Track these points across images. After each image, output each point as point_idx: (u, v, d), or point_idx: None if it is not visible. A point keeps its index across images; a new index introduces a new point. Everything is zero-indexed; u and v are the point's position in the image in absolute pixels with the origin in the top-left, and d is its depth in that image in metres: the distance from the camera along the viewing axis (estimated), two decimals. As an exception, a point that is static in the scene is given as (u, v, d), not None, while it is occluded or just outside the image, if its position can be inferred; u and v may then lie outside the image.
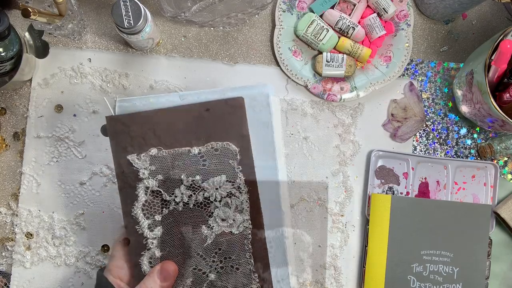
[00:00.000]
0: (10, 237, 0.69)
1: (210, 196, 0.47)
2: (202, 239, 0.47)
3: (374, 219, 0.69)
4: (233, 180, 0.47)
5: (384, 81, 0.71)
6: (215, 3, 0.61)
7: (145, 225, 0.46)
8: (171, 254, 0.47)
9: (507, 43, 0.59)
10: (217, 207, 0.47)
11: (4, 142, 0.70)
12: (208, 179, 0.47)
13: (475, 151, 0.74)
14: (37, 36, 0.65)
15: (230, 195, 0.47)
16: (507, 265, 0.72)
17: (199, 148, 0.47)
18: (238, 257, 0.47)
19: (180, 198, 0.47)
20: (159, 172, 0.47)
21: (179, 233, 0.47)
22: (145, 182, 0.47)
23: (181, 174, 0.46)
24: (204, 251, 0.47)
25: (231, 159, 0.47)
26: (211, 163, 0.47)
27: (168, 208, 0.47)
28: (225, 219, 0.47)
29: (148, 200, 0.47)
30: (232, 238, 0.47)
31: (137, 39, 0.63)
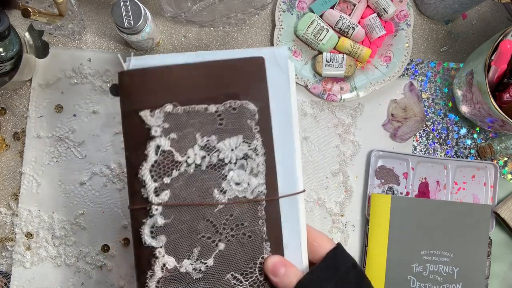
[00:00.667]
0: (10, 237, 0.69)
1: (225, 158, 0.44)
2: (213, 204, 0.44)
3: (374, 219, 0.69)
4: (250, 141, 0.44)
5: (384, 81, 0.71)
6: (215, 3, 0.61)
7: (151, 188, 0.43)
8: (176, 221, 0.43)
9: (507, 43, 0.59)
10: (231, 169, 0.44)
11: (4, 142, 0.70)
12: (224, 139, 0.44)
13: (475, 151, 0.74)
14: (37, 36, 0.65)
15: (246, 157, 0.44)
16: (507, 265, 0.72)
17: (217, 106, 0.44)
18: (250, 224, 0.44)
19: (193, 159, 0.43)
20: (172, 130, 0.43)
21: (188, 198, 0.43)
22: (156, 141, 0.43)
23: (196, 133, 0.43)
24: (214, 217, 0.44)
25: (249, 118, 0.44)
26: (228, 122, 0.44)
27: (179, 170, 0.43)
28: (239, 182, 0.44)
29: (158, 160, 0.43)
30: (245, 204, 0.44)
31: (137, 39, 0.63)
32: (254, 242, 0.45)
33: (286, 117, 0.46)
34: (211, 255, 0.44)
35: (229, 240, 0.44)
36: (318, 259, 0.45)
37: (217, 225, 0.44)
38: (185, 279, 0.43)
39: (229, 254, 0.44)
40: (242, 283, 0.44)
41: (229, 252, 0.44)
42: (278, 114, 0.46)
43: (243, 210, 0.44)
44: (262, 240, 0.45)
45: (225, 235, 0.44)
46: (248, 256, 0.45)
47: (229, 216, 0.44)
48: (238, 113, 0.44)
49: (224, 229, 0.44)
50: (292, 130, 0.46)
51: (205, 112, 0.44)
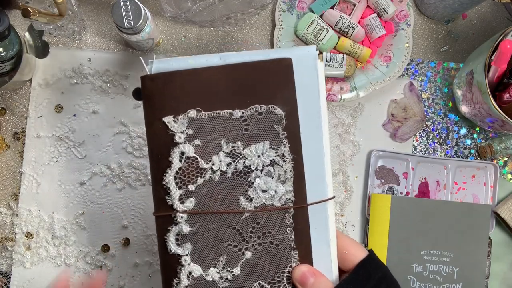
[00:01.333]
0: (10, 237, 0.69)
1: (251, 164, 0.42)
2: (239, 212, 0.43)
3: (374, 219, 0.69)
4: (277, 147, 0.43)
5: (384, 81, 0.71)
6: (215, 3, 0.61)
7: (176, 196, 0.42)
8: (202, 229, 0.42)
9: (507, 43, 0.59)
10: (258, 176, 0.42)
11: (4, 142, 0.70)
12: (250, 145, 0.42)
13: (475, 151, 0.74)
14: (37, 36, 0.65)
15: (273, 164, 0.43)
16: (507, 265, 0.72)
17: (242, 111, 0.42)
18: (278, 232, 0.43)
19: (218, 166, 0.42)
20: (196, 136, 0.42)
21: (213, 205, 0.42)
22: (180, 147, 0.42)
23: (220, 139, 0.42)
24: (240, 225, 0.43)
25: (276, 123, 0.42)
26: (254, 127, 0.42)
27: (204, 177, 0.42)
28: (266, 190, 0.42)
29: (183, 167, 0.42)
30: (272, 212, 0.43)
31: (137, 39, 0.63)
32: (281, 251, 0.43)
33: (315, 121, 0.44)
34: (237, 264, 0.43)
35: (256, 249, 0.43)
36: (349, 268, 0.43)
37: (244, 234, 0.43)
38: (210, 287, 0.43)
39: (256, 263, 0.43)
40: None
41: (256, 260, 0.43)
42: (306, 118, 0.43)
43: (270, 218, 0.43)
44: (290, 249, 0.43)
45: (251, 243, 0.43)
46: (276, 265, 0.43)
47: (256, 224, 0.43)
48: (265, 118, 0.43)
49: (251, 237, 0.43)
50: (321, 134, 0.44)
51: (230, 117, 0.42)
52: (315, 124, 0.44)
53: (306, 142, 0.44)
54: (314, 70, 0.43)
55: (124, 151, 0.70)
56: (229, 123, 0.42)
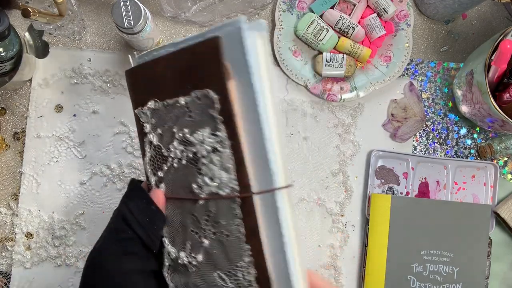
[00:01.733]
0: (10, 237, 0.69)
1: (197, 152, 0.41)
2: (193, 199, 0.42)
3: (374, 219, 0.69)
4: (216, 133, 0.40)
5: (384, 81, 0.71)
6: (215, 3, 0.61)
7: (152, 181, 0.45)
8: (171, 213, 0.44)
9: (507, 43, 0.59)
10: (204, 164, 0.41)
11: (4, 142, 0.70)
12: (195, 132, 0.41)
13: (475, 151, 0.74)
14: (37, 36, 0.65)
15: (214, 150, 0.41)
16: (507, 265, 0.72)
17: (185, 98, 0.41)
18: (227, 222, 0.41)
19: (174, 154, 0.43)
20: (158, 125, 0.44)
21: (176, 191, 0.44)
22: (148, 137, 0.45)
23: (173, 127, 0.43)
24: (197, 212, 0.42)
25: (211, 108, 0.40)
26: (196, 114, 0.41)
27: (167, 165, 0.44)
28: (213, 178, 0.41)
29: (152, 155, 0.45)
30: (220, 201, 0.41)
31: (137, 39, 0.63)
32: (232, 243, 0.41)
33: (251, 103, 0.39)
34: (199, 251, 0.42)
35: (211, 238, 0.42)
36: None
37: (200, 221, 0.42)
38: (184, 271, 0.43)
39: (213, 252, 0.42)
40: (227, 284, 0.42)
41: (212, 249, 0.42)
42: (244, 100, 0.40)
43: (219, 207, 0.41)
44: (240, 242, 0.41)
45: (207, 231, 0.42)
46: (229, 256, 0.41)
47: (210, 212, 0.42)
48: (202, 103, 0.41)
49: (206, 225, 0.42)
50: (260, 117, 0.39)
51: (176, 105, 0.42)
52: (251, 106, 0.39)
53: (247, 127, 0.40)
54: (239, 45, 0.38)
55: (124, 151, 0.70)
56: (177, 111, 0.43)
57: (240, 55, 0.39)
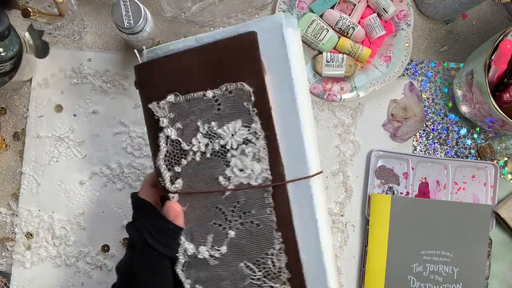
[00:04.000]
0: (10, 237, 0.69)
1: (226, 144, 0.42)
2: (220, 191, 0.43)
3: (374, 219, 0.69)
4: (249, 125, 0.42)
5: (384, 81, 0.71)
6: (215, 3, 0.61)
7: (167, 177, 0.44)
8: (191, 208, 0.44)
9: (507, 43, 0.59)
10: (233, 155, 0.42)
11: (4, 142, 0.70)
12: (223, 125, 0.42)
13: (475, 151, 0.74)
14: (37, 36, 0.65)
15: (246, 142, 0.42)
16: (507, 265, 0.72)
17: (214, 91, 0.42)
18: (258, 212, 0.42)
19: (197, 147, 0.43)
20: (177, 119, 0.43)
21: (198, 185, 0.43)
22: (165, 131, 0.44)
23: (197, 120, 0.43)
24: (223, 204, 0.43)
25: (245, 101, 0.42)
26: (226, 107, 0.42)
27: (187, 159, 0.43)
28: (243, 169, 0.42)
29: (169, 150, 0.44)
30: (250, 191, 0.42)
31: (137, 39, 0.63)
32: (263, 231, 0.42)
33: (288, 95, 0.41)
34: (223, 243, 0.43)
35: (238, 228, 0.43)
36: None
37: (226, 212, 0.43)
38: (204, 264, 0.44)
39: (240, 243, 0.43)
40: (256, 273, 0.43)
41: (240, 240, 0.43)
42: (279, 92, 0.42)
43: (249, 197, 0.42)
44: (272, 230, 0.42)
45: (234, 222, 0.43)
46: (259, 246, 0.43)
47: (236, 203, 0.43)
48: (235, 96, 0.42)
49: (233, 216, 0.43)
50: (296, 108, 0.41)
51: (203, 98, 0.43)
52: (288, 97, 0.41)
53: (281, 118, 0.42)
54: (281, 40, 0.41)
55: (124, 151, 0.70)
56: (203, 104, 0.43)
57: (280, 50, 0.41)
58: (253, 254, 0.43)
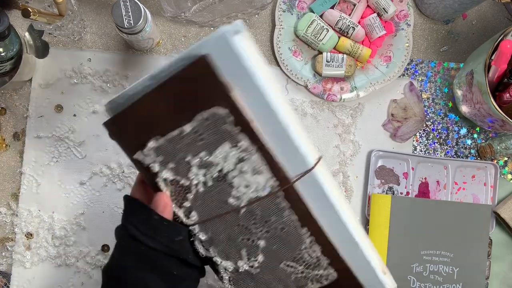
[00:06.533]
0: (10, 237, 0.69)
1: (222, 168, 0.43)
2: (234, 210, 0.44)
3: (374, 219, 0.69)
4: (237, 144, 0.42)
5: (384, 81, 0.71)
6: (215, 3, 0.61)
7: (181, 214, 0.45)
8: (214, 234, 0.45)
9: (507, 43, 0.59)
10: (234, 176, 0.43)
11: (4, 142, 0.70)
12: (213, 152, 0.42)
13: (475, 151, 0.74)
14: (37, 36, 0.65)
15: (241, 160, 0.43)
16: (507, 265, 0.72)
17: (190, 124, 0.42)
18: (278, 217, 0.44)
19: (197, 179, 0.43)
20: (167, 160, 0.43)
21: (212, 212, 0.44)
22: (160, 175, 0.44)
23: (186, 156, 0.43)
24: (243, 220, 0.44)
25: (224, 123, 0.42)
26: (208, 135, 0.42)
27: (192, 193, 0.44)
28: (248, 185, 0.43)
29: (172, 190, 0.44)
30: (263, 202, 0.43)
31: (137, 39, 0.63)
32: (289, 232, 0.44)
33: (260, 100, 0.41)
34: (258, 252, 0.45)
35: (266, 237, 0.45)
36: None
37: (249, 227, 0.44)
38: (248, 275, 0.46)
39: (272, 248, 0.45)
40: (297, 268, 0.45)
41: (271, 246, 0.45)
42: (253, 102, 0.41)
43: (264, 207, 0.44)
44: (296, 228, 0.44)
45: (260, 233, 0.44)
46: (291, 246, 0.45)
47: (255, 216, 0.44)
48: (212, 122, 0.42)
49: (257, 228, 0.44)
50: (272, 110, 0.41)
51: (181, 135, 0.43)
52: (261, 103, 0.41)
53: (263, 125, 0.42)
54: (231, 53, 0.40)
55: (124, 151, 0.70)
56: (185, 139, 0.43)
57: (235, 63, 0.40)
58: (288, 254, 0.45)
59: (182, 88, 0.41)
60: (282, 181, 0.43)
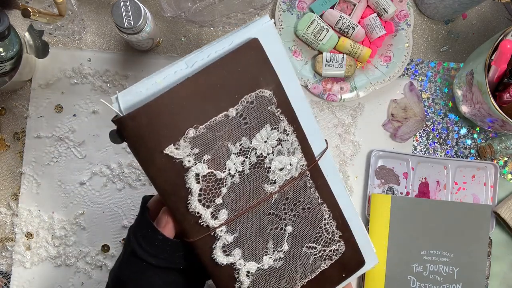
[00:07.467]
0: (10, 237, 0.69)
1: (262, 152, 0.43)
2: (268, 198, 0.44)
3: (374, 219, 0.69)
4: (277, 125, 0.44)
5: (384, 81, 0.71)
6: (215, 3, 0.61)
7: (207, 216, 0.42)
8: (243, 231, 0.44)
9: (507, 43, 0.59)
10: (272, 159, 0.44)
11: (4, 142, 0.70)
12: (254, 136, 0.43)
13: (475, 151, 0.74)
14: (37, 36, 0.65)
15: (279, 142, 0.44)
16: (507, 265, 0.72)
17: (236, 108, 0.42)
18: (305, 197, 0.46)
19: (234, 168, 0.42)
20: (204, 152, 0.41)
21: (244, 204, 0.43)
22: (193, 170, 0.41)
23: (227, 143, 0.42)
24: (273, 208, 0.45)
25: (268, 105, 0.43)
26: (251, 118, 0.42)
27: (226, 186, 0.42)
28: (283, 167, 0.44)
29: (203, 187, 0.41)
30: (294, 183, 0.45)
31: (137, 39, 0.63)
32: (313, 211, 0.47)
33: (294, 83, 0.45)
34: (283, 241, 0.46)
35: (293, 221, 0.46)
36: None
37: (279, 213, 0.45)
38: (270, 272, 0.46)
39: (298, 232, 0.47)
40: (316, 248, 0.47)
41: (297, 230, 0.46)
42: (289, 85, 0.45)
43: (295, 188, 0.46)
44: (319, 205, 0.47)
45: (288, 218, 0.46)
46: (314, 225, 0.47)
47: (286, 200, 0.46)
48: (257, 105, 0.43)
49: (286, 213, 0.46)
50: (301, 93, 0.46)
51: (227, 119, 0.42)
52: (294, 86, 0.45)
53: (296, 107, 0.45)
54: (277, 38, 0.44)
55: (124, 151, 0.70)
56: (228, 125, 0.42)
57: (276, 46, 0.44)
58: (311, 235, 0.47)
59: (230, 70, 0.41)
60: (309, 160, 0.46)
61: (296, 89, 0.45)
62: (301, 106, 0.46)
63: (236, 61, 0.42)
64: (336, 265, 0.49)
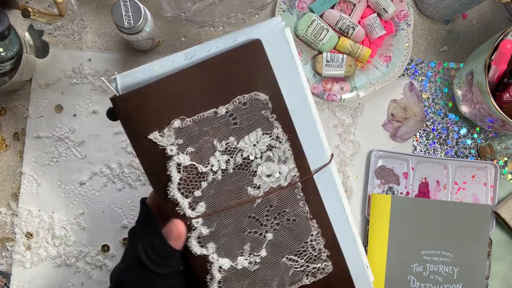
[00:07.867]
0: (10, 237, 0.69)
1: (249, 155, 0.43)
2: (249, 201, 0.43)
3: (374, 219, 0.69)
4: (270, 131, 0.42)
5: (384, 81, 0.71)
6: (215, 3, 0.61)
7: (185, 205, 0.42)
8: (220, 227, 0.43)
9: (507, 43, 0.59)
10: (259, 164, 0.43)
11: (4, 142, 0.70)
12: (243, 137, 0.42)
13: (475, 151, 0.74)
14: (37, 36, 0.65)
15: (270, 148, 0.43)
16: (507, 265, 0.72)
17: (226, 107, 0.41)
18: (292, 208, 0.44)
19: (218, 165, 0.42)
20: (188, 144, 0.41)
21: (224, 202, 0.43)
22: (175, 159, 0.41)
23: (212, 140, 0.42)
24: (255, 212, 0.44)
25: (262, 109, 0.42)
26: (242, 119, 0.42)
27: (207, 180, 0.42)
28: (271, 174, 0.43)
29: (183, 177, 0.42)
30: (282, 192, 0.44)
31: (137, 39, 0.63)
32: (300, 224, 0.45)
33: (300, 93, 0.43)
34: (262, 247, 0.45)
35: (275, 229, 0.45)
36: None
37: (260, 219, 0.44)
38: (244, 273, 0.45)
39: (279, 241, 0.45)
40: (298, 262, 0.46)
41: (278, 239, 0.45)
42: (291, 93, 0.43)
43: (282, 197, 0.44)
44: (307, 220, 0.45)
45: (270, 225, 0.44)
46: (298, 238, 0.45)
47: (269, 207, 0.44)
48: (250, 107, 0.42)
49: (268, 220, 0.44)
50: (308, 104, 0.43)
51: (215, 116, 0.41)
52: (300, 95, 0.43)
53: (296, 116, 0.43)
54: (285, 42, 0.42)
55: (124, 151, 0.70)
56: (216, 122, 0.42)
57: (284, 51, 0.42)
58: (293, 247, 0.45)
59: (227, 68, 0.41)
60: (303, 172, 0.44)
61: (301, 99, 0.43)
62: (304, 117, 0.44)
63: (234, 59, 0.41)
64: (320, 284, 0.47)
